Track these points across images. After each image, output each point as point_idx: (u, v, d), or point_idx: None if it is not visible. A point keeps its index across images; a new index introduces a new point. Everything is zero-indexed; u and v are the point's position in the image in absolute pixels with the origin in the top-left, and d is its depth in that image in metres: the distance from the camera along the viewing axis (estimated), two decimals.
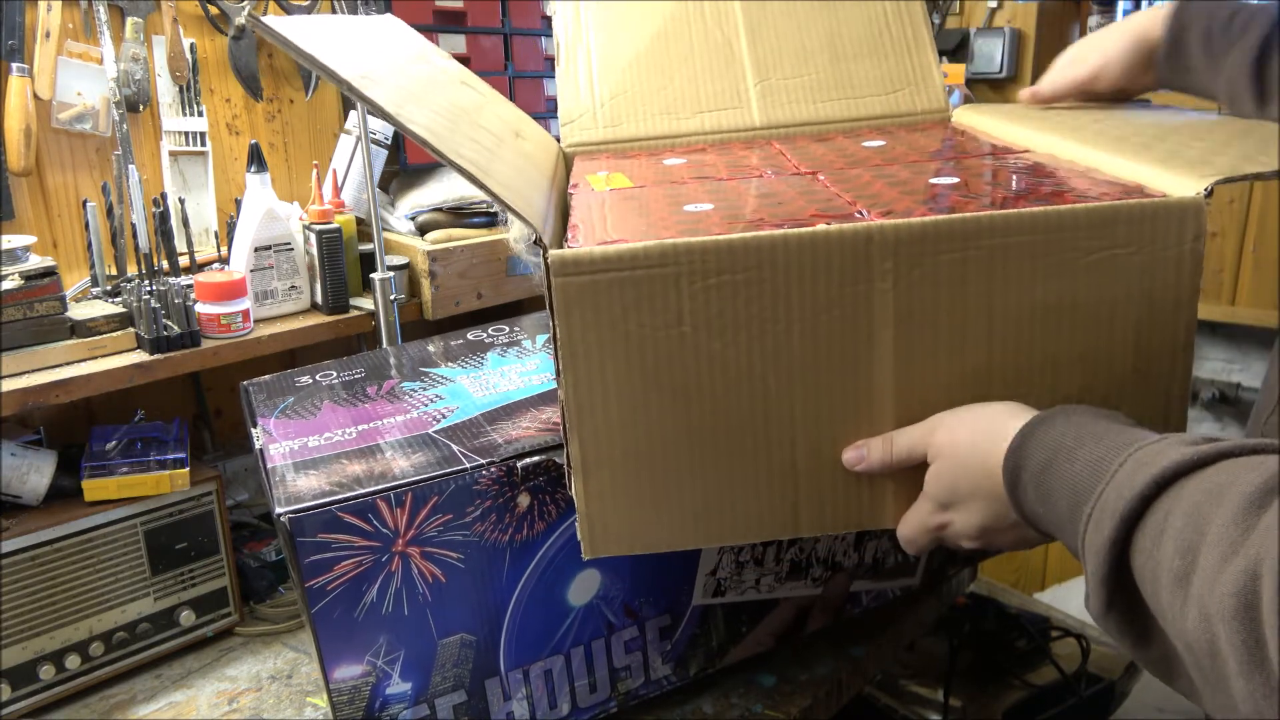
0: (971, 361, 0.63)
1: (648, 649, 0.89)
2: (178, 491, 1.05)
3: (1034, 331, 0.63)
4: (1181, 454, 0.47)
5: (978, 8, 2.21)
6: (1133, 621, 0.50)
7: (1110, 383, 0.64)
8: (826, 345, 0.63)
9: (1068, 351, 0.63)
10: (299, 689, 1.02)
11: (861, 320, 0.62)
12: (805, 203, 0.69)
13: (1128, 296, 0.62)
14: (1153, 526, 0.46)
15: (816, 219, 0.63)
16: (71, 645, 1.01)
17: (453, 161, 0.59)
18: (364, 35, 0.77)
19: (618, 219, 0.69)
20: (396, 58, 0.76)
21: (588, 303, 0.60)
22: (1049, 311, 0.62)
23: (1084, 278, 0.62)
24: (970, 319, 0.63)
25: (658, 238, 0.61)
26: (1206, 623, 0.42)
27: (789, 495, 0.67)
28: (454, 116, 0.69)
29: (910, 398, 0.64)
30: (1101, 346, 0.63)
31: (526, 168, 0.76)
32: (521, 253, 1.42)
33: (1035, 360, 0.64)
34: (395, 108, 0.59)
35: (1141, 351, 0.64)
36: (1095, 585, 0.50)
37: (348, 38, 0.72)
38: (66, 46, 1.18)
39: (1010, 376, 0.64)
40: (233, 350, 1.16)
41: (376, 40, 0.78)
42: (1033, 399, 0.62)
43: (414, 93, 0.68)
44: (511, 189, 0.64)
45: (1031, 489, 0.56)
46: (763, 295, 0.61)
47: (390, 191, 1.50)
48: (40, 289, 1.03)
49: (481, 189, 0.59)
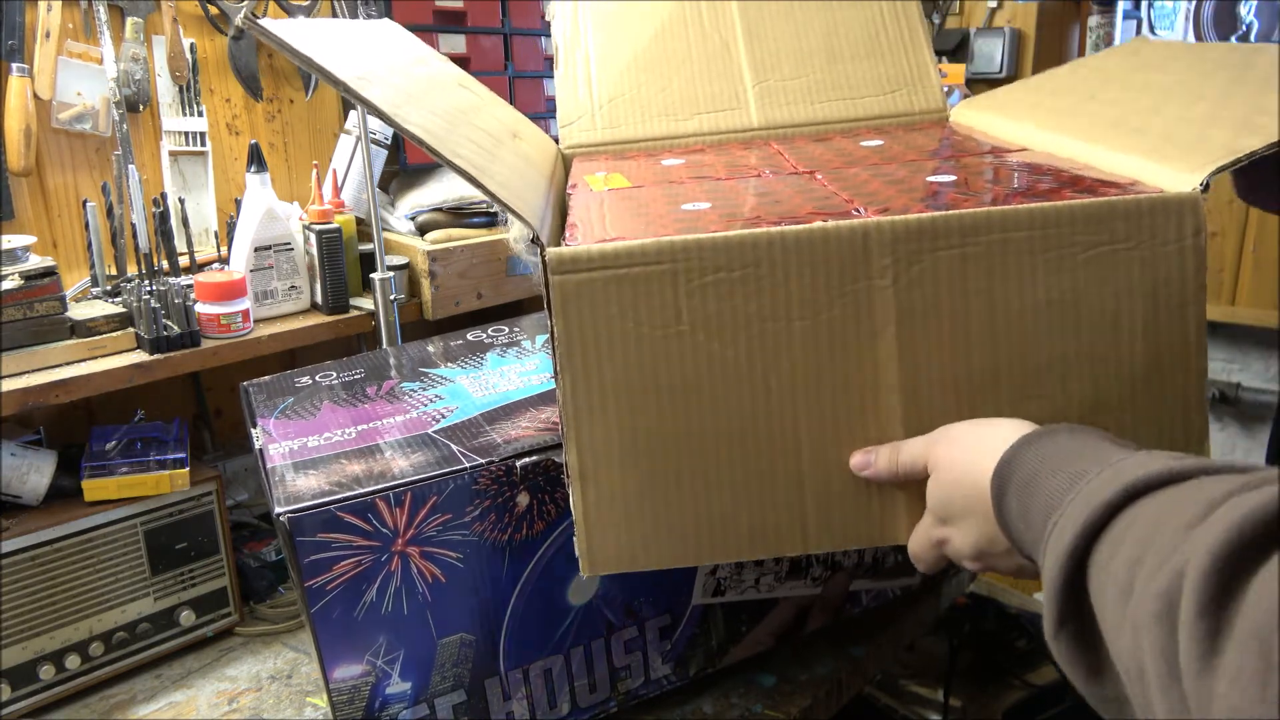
0: (978, 361, 0.62)
1: (647, 649, 0.89)
2: (178, 491, 1.05)
3: (1038, 329, 0.62)
4: (1157, 467, 0.43)
5: (978, 8, 2.21)
6: (1084, 649, 0.45)
7: (1123, 384, 0.63)
8: (828, 345, 0.62)
9: (1075, 351, 0.62)
10: (299, 689, 1.02)
11: (863, 318, 0.61)
12: (803, 200, 0.69)
13: (1130, 293, 0.61)
14: (1112, 539, 0.42)
15: (814, 216, 0.64)
16: (71, 645, 1.01)
17: (451, 162, 0.59)
18: (362, 38, 0.77)
19: (615, 218, 0.69)
20: (394, 60, 0.76)
21: (585, 300, 0.60)
22: (1052, 307, 0.61)
23: (1084, 273, 0.61)
24: (973, 316, 0.62)
25: (655, 236, 0.61)
26: (1135, 635, 0.38)
27: (796, 507, 0.64)
28: (452, 118, 0.70)
29: (918, 400, 0.63)
30: (1110, 346, 0.62)
31: (524, 168, 0.76)
32: (521, 253, 1.42)
33: (1042, 360, 0.62)
34: (393, 109, 0.59)
35: (1152, 352, 0.62)
36: (1049, 599, 0.45)
37: (345, 40, 0.72)
38: (66, 46, 1.18)
39: (1018, 377, 0.62)
40: (233, 350, 1.17)
41: (374, 43, 0.78)
42: (1043, 401, 0.61)
43: (412, 94, 0.68)
44: (510, 189, 0.64)
45: (1015, 504, 0.52)
46: (761, 293, 0.61)
47: (390, 191, 1.50)
48: (40, 289, 1.03)
49: (480, 189, 0.59)
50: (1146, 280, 0.61)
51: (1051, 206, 0.61)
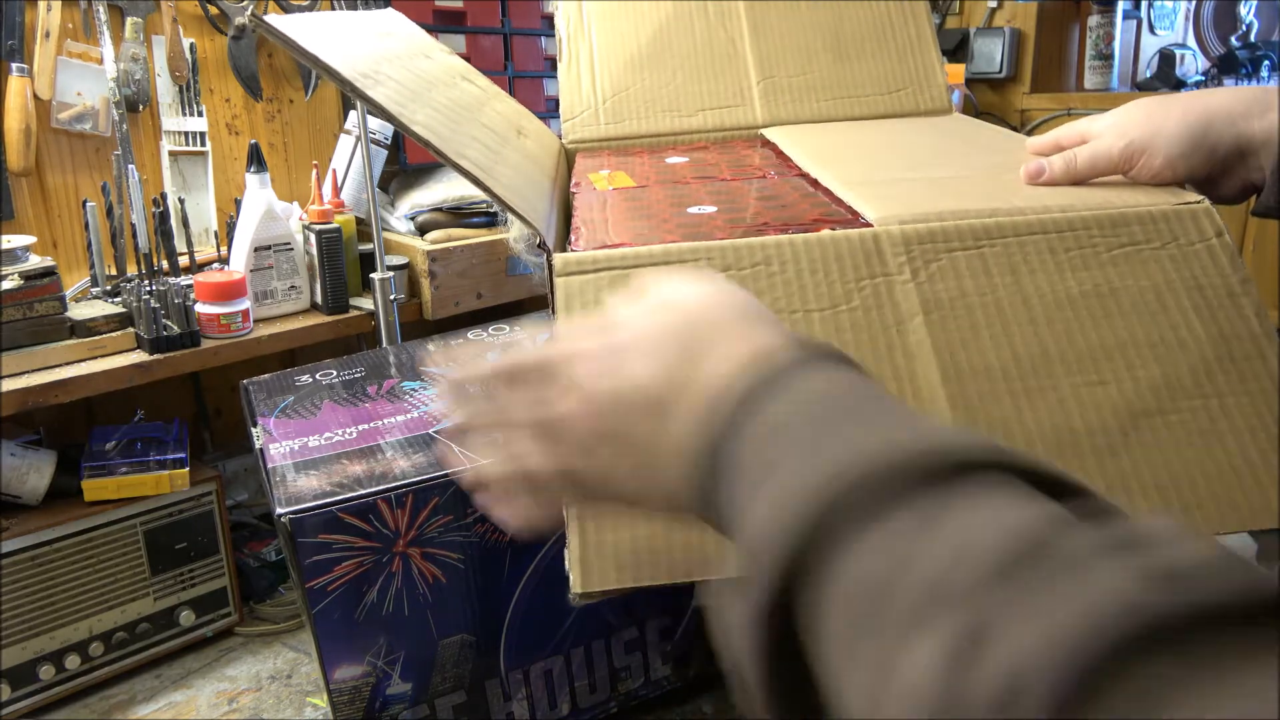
0: (1022, 346, 0.59)
1: (648, 649, 0.89)
2: (178, 491, 1.05)
3: (1080, 315, 0.60)
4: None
5: (978, 8, 2.21)
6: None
7: (1193, 369, 0.60)
8: (852, 334, 0.59)
9: (1129, 336, 0.60)
10: (299, 689, 1.02)
11: (886, 309, 0.59)
12: (809, 206, 0.69)
13: (1169, 284, 0.60)
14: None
15: (820, 224, 0.63)
16: (71, 645, 1.01)
17: (455, 163, 0.58)
18: (365, 31, 0.77)
19: (620, 221, 0.69)
20: (398, 53, 0.75)
21: (590, 303, 0.60)
22: (1087, 297, 0.60)
23: (1113, 269, 0.60)
24: (1005, 305, 0.60)
25: (661, 241, 0.61)
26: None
27: None
28: (456, 116, 0.69)
29: (963, 386, 0.59)
30: (1165, 330, 0.60)
31: (529, 167, 0.76)
32: (521, 253, 1.42)
33: (1096, 343, 0.60)
34: (397, 108, 0.59)
35: (1214, 339, 0.60)
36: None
37: (349, 35, 0.72)
38: (66, 46, 1.18)
39: (1072, 360, 0.59)
40: (232, 350, 1.16)
41: (377, 36, 0.78)
42: (1110, 386, 0.59)
43: (415, 91, 0.68)
44: (514, 190, 0.64)
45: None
46: (774, 287, 0.60)
47: (390, 191, 1.50)
48: (40, 289, 1.03)
49: (485, 191, 0.59)
50: (1184, 273, 0.61)
51: (1063, 216, 0.61)
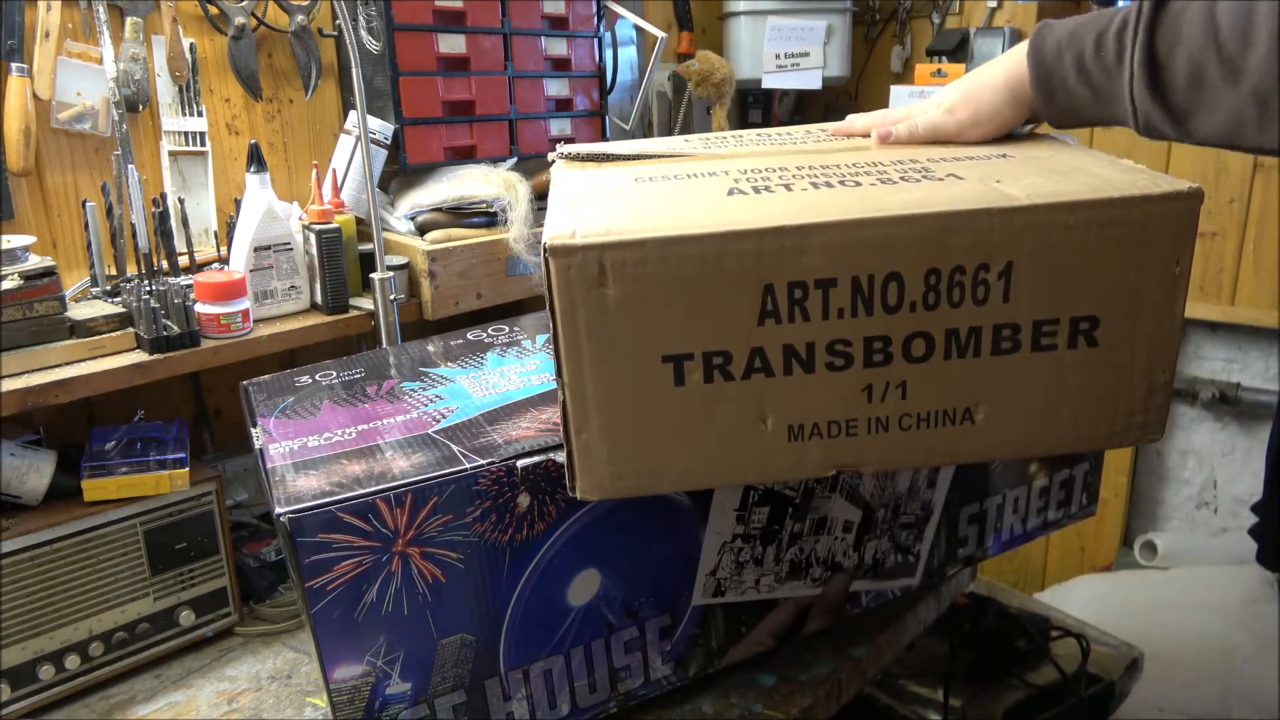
0: None
1: (647, 649, 0.89)
2: (177, 491, 1.05)
3: None
4: None
5: (978, 8, 2.21)
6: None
7: None
8: None
9: None
10: (299, 689, 1.02)
11: None
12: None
13: None
14: None
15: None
16: (71, 645, 1.01)
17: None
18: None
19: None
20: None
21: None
22: None
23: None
24: None
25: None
26: None
27: None
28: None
29: None
30: None
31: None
32: (521, 253, 1.42)
33: None
34: None
35: None
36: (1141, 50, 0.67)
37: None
38: (66, 46, 1.18)
39: None
40: (232, 350, 1.16)
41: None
42: None
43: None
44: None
45: (1061, 45, 0.71)
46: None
47: (390, 191, 1.50)
48: (40, 289, 1.03)
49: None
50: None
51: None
